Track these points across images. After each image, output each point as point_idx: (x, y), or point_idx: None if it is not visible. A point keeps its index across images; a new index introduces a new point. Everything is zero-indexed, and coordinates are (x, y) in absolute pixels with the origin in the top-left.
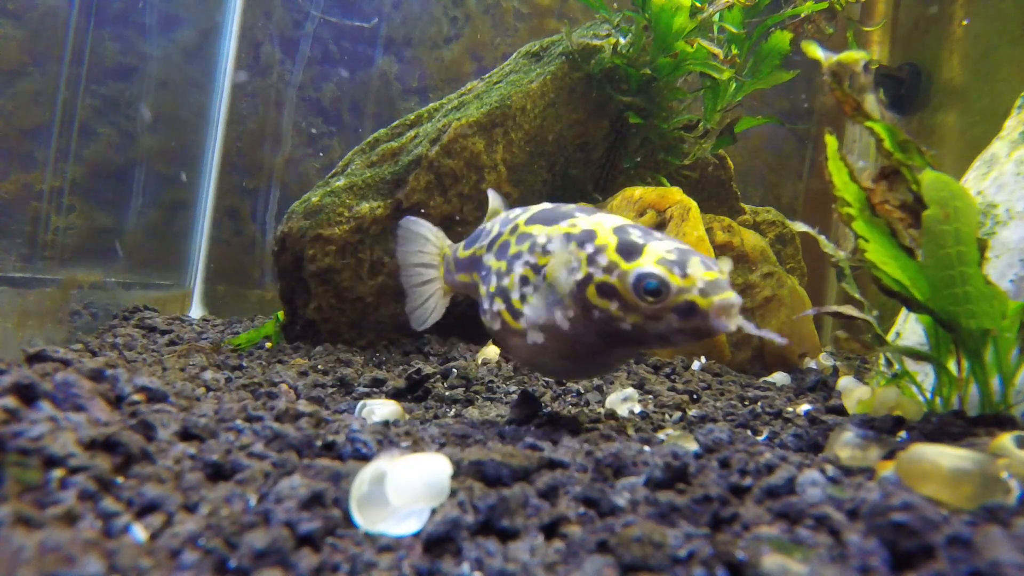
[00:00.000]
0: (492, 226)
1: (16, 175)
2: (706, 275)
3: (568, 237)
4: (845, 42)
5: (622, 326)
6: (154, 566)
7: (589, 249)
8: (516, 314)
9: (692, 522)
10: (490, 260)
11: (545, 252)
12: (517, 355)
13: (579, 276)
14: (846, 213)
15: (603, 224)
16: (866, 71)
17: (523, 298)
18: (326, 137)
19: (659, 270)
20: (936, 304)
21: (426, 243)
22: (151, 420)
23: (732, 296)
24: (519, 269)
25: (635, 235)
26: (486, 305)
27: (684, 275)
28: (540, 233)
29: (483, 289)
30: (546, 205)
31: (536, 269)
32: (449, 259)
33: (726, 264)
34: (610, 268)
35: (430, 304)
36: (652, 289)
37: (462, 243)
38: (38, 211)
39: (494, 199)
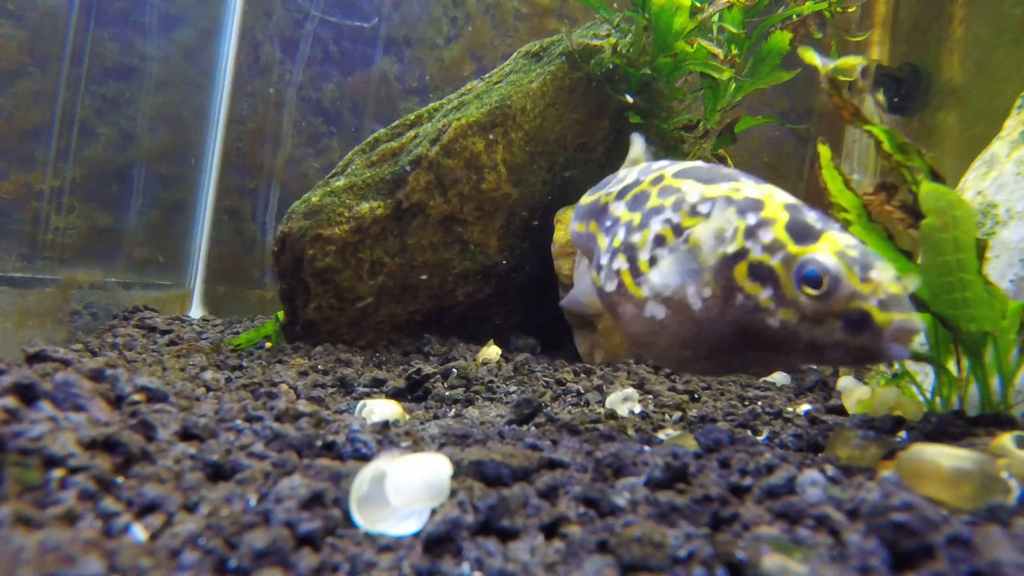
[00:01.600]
0: (627, 174)
1: (16, 175)
2: (891, 286)
3: (728, 201)
4: (839, 47)
5: (769, 322)
6: (154, 566)
7: (751, 220)
8: (639, 277)
9: (692, 522)
10: (619, 210)
11: (695, 213)
12: (627, 329)
13: (731, 248)
14: (843, 219)
15: (774, 196)
16: (863, 76)
17: (653, 260)
18: (326, 137)
19: (835, 263)
20: (936, 307)
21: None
22: (151, 420)
23: (916, 320)
24: (656, 226)
25: (811, 217)
26: (603, 260)
27: (865, 278)
28: (693, 190)
29: (603, 241)
30: (700, 163)
31: (678, 230)
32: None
33: (911, 282)
34: (774, 247)
35: (581, 283)
36: (817, 281)
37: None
38: (38, 211)
39: (637, 145)
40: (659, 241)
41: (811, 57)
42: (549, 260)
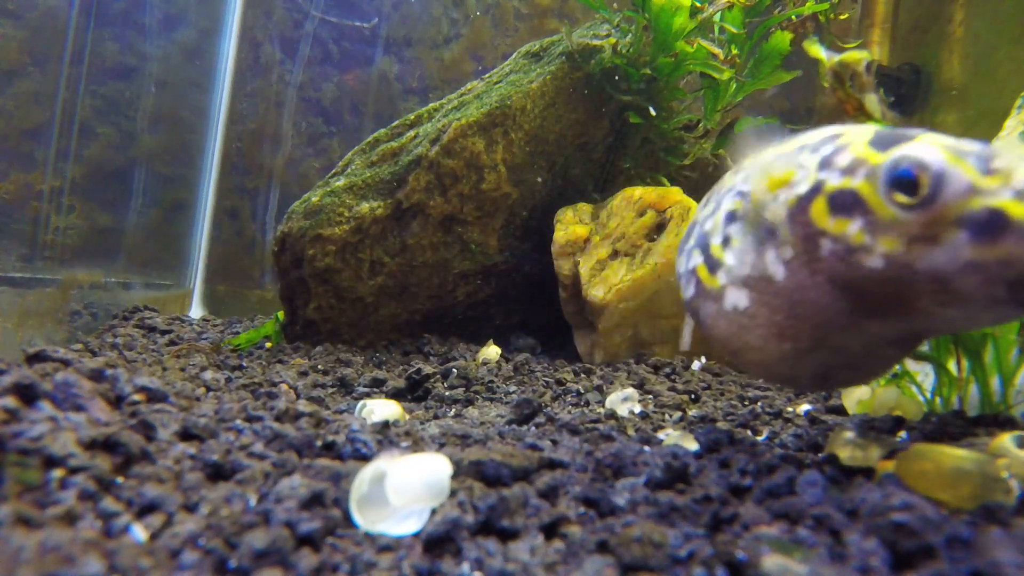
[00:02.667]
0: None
1: (16, 175)
2: None
3: (801, 148)
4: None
5: (870, 264)
6: (154, 566)
7: (826, 150)
8: (714, 266)
9: (692, 522)
10: (701, 214)
11: (767, 174)
12: (713, 334)
13: (802, 189)
14: None
15: (862, 128)
16: (867, 71)
17: (726, 241)
18: (326, 137)
19: (936, 153)
20: None
21: None
22: (151, 420)
23: None
24: (728, 203)
25: (911, 132)
26: (681, 267)
27: (988, 169)
28: (766, 155)
29: (686, 247)
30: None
31: (747, 197)
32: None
33: None
34: (853, 167)
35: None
36: (912, 183)
37: None
38: (38, 211)
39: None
40: (730, 218)
41: (816, 51)
42: (549, 260)
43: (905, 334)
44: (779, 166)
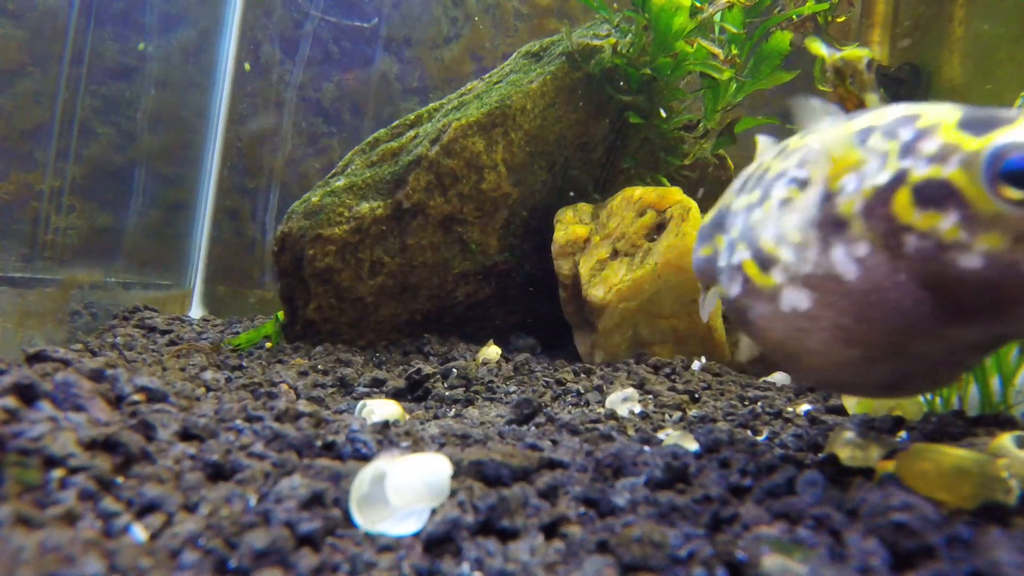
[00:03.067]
0: (749, 167)
1: (16, 175)
2: None
3: (866, 132)
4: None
5: (965, 264)
6: (154, 566)
7: (905, 135)
8: (767, 262)
9: (692, 522)
10: (739, 202)
11: (827, 159)
12: (768, 339)
13: (880, 179)
14: None
15: (936, 107)
16: (868, 69)
17: (780, 236)
18: (326, 137)
19: None
20: None
21: None
22: (151, 420)
23: None
24: (780, 191)
25: (1000, 113)
26: (722, 261)
27: None
28: (823, 136)
29: (723, 240)
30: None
31: (807, 186)
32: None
33: None
34: (943, 155)
35: (705, 303)
36: (1020, 173)
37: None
38: (38, 211)
39: (762, 144)
40: (785, 208)
41: (817, 48)
42: (549, 260)
43: (992, 338)
44: (845, 150)
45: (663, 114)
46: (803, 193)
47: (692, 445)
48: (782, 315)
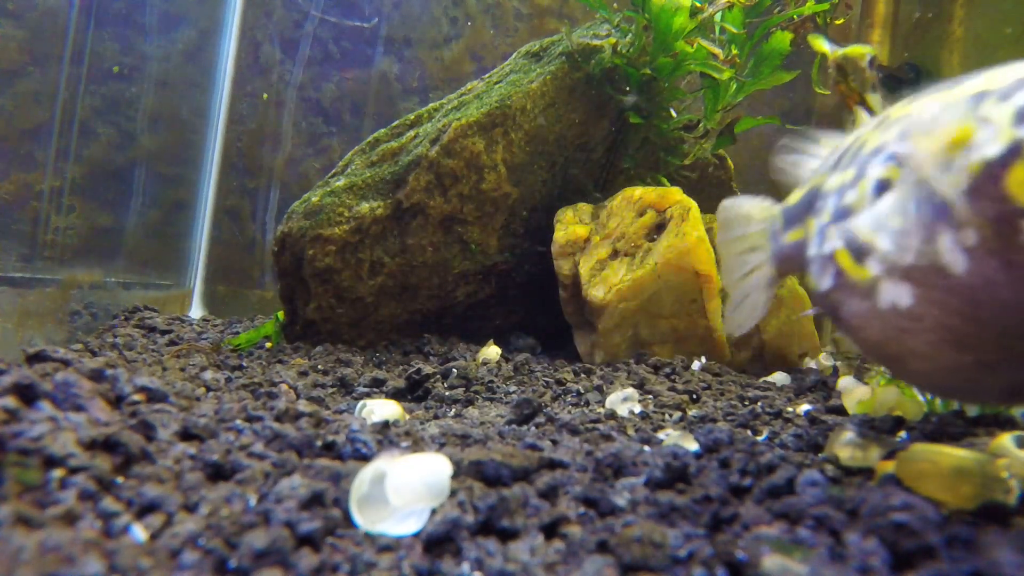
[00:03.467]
0: (847, 138)
1: (16, 175)
2: None
3: (980, 96)
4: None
5: None
6: (154, 566)
7: (1021, 98)
8: (862, 252)
9: (692, 522)
10: (832, 180)
11: (931, 131)
12: (863, 337)
13: (990, 152)
14: None
15: None
16: (871, 66)
17: (878, 220)
18: (326, 137)
19: None
20: None
21: (748, 222)
22: (151, 420)
23: None
24: (877, 169)
25: None
26: (813, 249)
27: None
28: (928, 106)
29: (814, 224)
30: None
31: (906, 161)
32: (777, 221)
33: None
34: None
35: (749, 301)
36: None
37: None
38: (38, 211)
39: (863, 116)
40: (881, 188)
41: (820, 45)
42: (549, 260)
43: None
44: (950, 120)
45: (673, 114)
46: (903, 171)
47: (692, 445)
48: (880, 313)
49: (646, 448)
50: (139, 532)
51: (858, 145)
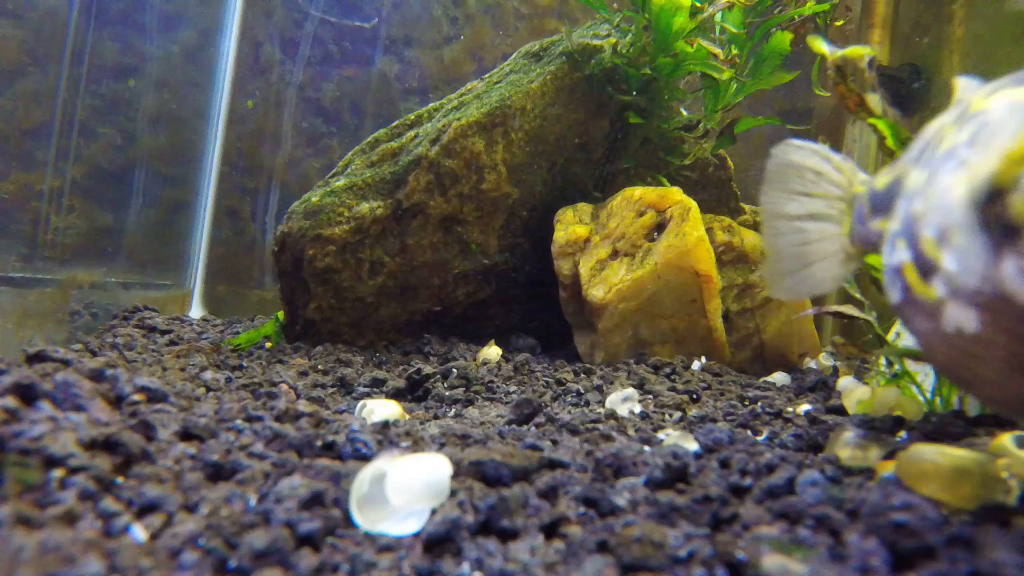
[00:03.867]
0: (938, 120)
1: (16, 175)
2: None
3: None
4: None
5: None
6: (154, 566)
7: None
8: (928, 268)
9: (692, 522)
10: (911, 178)
11: (996, 140)
12: (931, 356)
13: None
14: None
15: None
16: (870, 67)
17: (943, 237)
18: (326, 137)
19: None
20: None
21: (816, 182)
22: (151, 420)
23: None
24: (946, 175)
25: None
26: (885, 256)
27: None
28: (1003, 100)
29: (889, 227)
30: None
31: (975, 171)
32: (862, 201)
33: None
34: None
35: (813, 273)
36: None
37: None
38: (38, 211)
39: (961, 84)
40: (950, 198)
41: (819, 45)
42: (549, 260)
43: None
44: (1017, 128)
45: (684, 112)
46: (970, 180)
47: (692, 445)
48: (946, 336)
49: (646, 448)
50: (139, 532)
51: (937, 139)
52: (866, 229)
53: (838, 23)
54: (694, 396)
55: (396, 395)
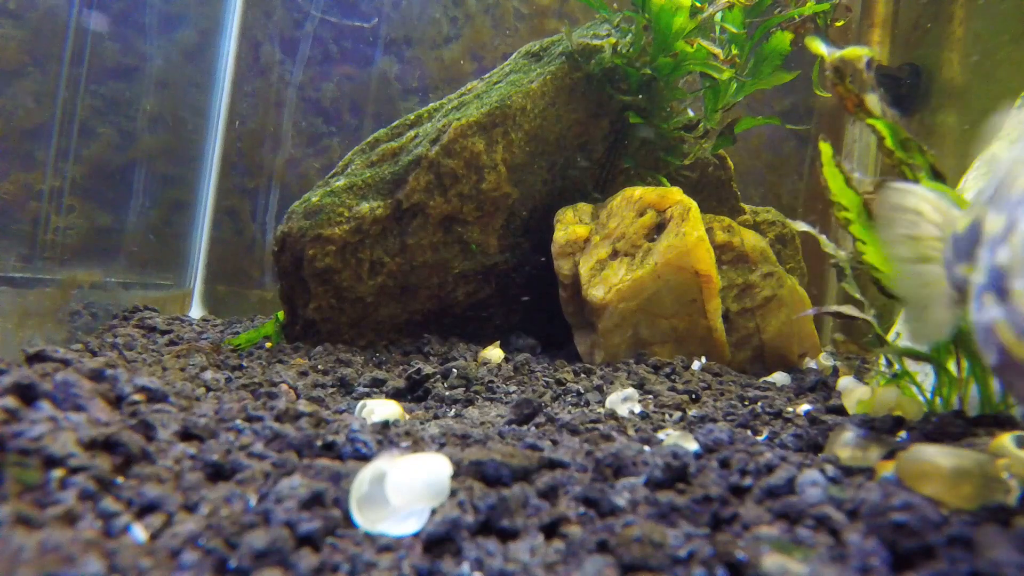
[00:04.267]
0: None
1: (16, 175)
2: None
3: None
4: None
5: None
6: (154, 566)
7: None
8: (1018, 321)
9: (692, 522)
10: (990, 221)
11: None
12: None
13: None
14: (843, 217)
15: None
16: (868, 68)
17: None
18: (326, 137)
19: None
20: None
21: (917, 223)
22: (151, 420)
23: None
24: None
25: None
26: (973, 312)
27: None
28: None
29: (973, 279)
30: None
31: None
32: (949, 247)
33: None
34: None
35: (932, 317)
36: None
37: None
38: (38, 211)
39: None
40: None
41: (817, 47)
42: (549, 260)
43: None
44: None
45: (691, 113)
46: None
47: (692, 445)
48: None
49: (646, 448)
50: (139, 532)
51: (1011, 178)
52: (953, 273)
53: (838, 23)
54: (694, 396)
55: (396, 395)
